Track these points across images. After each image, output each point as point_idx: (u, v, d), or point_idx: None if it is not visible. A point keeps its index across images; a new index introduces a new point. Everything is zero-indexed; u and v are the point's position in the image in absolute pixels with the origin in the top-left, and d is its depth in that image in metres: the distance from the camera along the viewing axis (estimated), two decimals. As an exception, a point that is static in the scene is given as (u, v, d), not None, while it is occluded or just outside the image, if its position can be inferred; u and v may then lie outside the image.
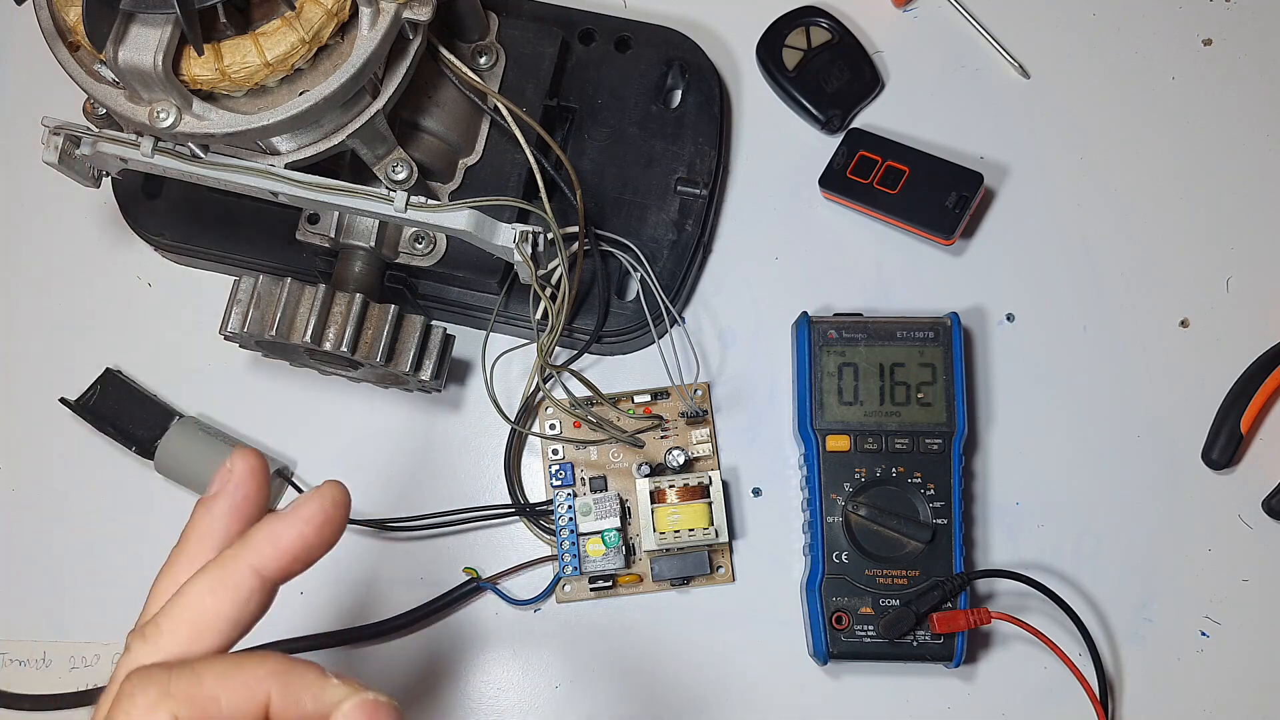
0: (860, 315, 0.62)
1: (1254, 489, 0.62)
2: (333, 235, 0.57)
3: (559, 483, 0.62)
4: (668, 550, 0.60)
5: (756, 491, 0.63)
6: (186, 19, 0.44)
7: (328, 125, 0.52)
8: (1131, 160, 0.67)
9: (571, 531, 0.60)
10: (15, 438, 0.65)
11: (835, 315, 0.62)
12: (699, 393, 0.63)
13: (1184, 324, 0.65)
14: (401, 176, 0.54)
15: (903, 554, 0.58)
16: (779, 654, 0.61)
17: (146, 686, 0.32)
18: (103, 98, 0.49)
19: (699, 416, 0.63)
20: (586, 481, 0.62)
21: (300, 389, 0.64)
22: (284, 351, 0.59)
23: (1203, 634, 0.61)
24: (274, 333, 0.54)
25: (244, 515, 0.38)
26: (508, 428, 0.61)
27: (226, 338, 0.56)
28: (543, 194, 0.56)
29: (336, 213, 0.57)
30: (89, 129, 0.52)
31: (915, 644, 0.57)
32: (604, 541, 0.60)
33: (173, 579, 0.37)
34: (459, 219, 0.52)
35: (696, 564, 0.60)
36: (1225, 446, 0.62)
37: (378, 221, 0.57)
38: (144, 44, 0.46)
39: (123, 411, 0.63)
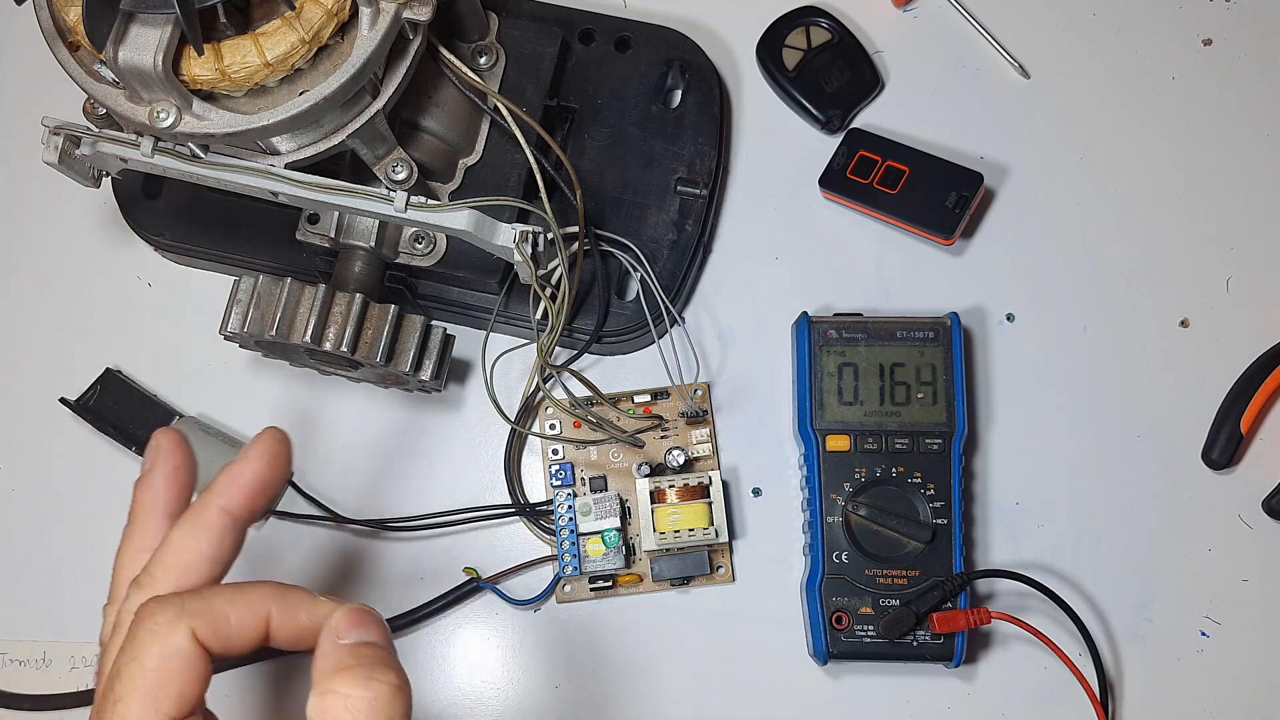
0: (860, 315, 0.62)
1: (1254, 489, 0.63)
2: (333, 235, 0.57)
3: (559, 483, 0.62)
4: (668, 550, 0.60)
5: (756, 491, 0.63)
6: (186, 19, 0.44)
7: (328, 125, 0.52)
8: (1131, 160, 0.67)
9: (571, 531, 0.60)
10: (15, 438, 0.65)
11: (835, 315, 0.62)
12: (699, 393, 0.63)
13: (1184, 324, 0.65)
14: (401, 176, 0.54)
15: (903, 554, 0.58)
16: (779, 654, 0.61)
17: (165, 606, 0.38)
18: (103, 98, 0.49)
19: (699, 416, 0.63)
20: (586, 481, 0.62)
21: (300, 389, 0.64)
22: (284, 351, 0.59)
23: (1203, 634, 0.61)
24: (274, 333, 0.54)
25: (178, 483, 0.43)
26: (508, 428, 0.61)
27: (226, 338, 0.56)
28: (543, 194, 0.56)
29: (336, 213, 0.57)
30: (89, 129, 0.52)
31: (915, 644, 0.57)
32: (604, 541, 0.60)
33: (131, 553, 0.42)
34: (459, 219, 0.52)
35: (696, 564, 0.60)
36: (1225, 446, 0.62)
37: (378, 221, 0.57)
38: (144, 44, 0.46)
39: (123, 411, 0.63)
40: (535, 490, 0.63)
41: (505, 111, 0.56)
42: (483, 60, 0.60)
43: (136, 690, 0.38)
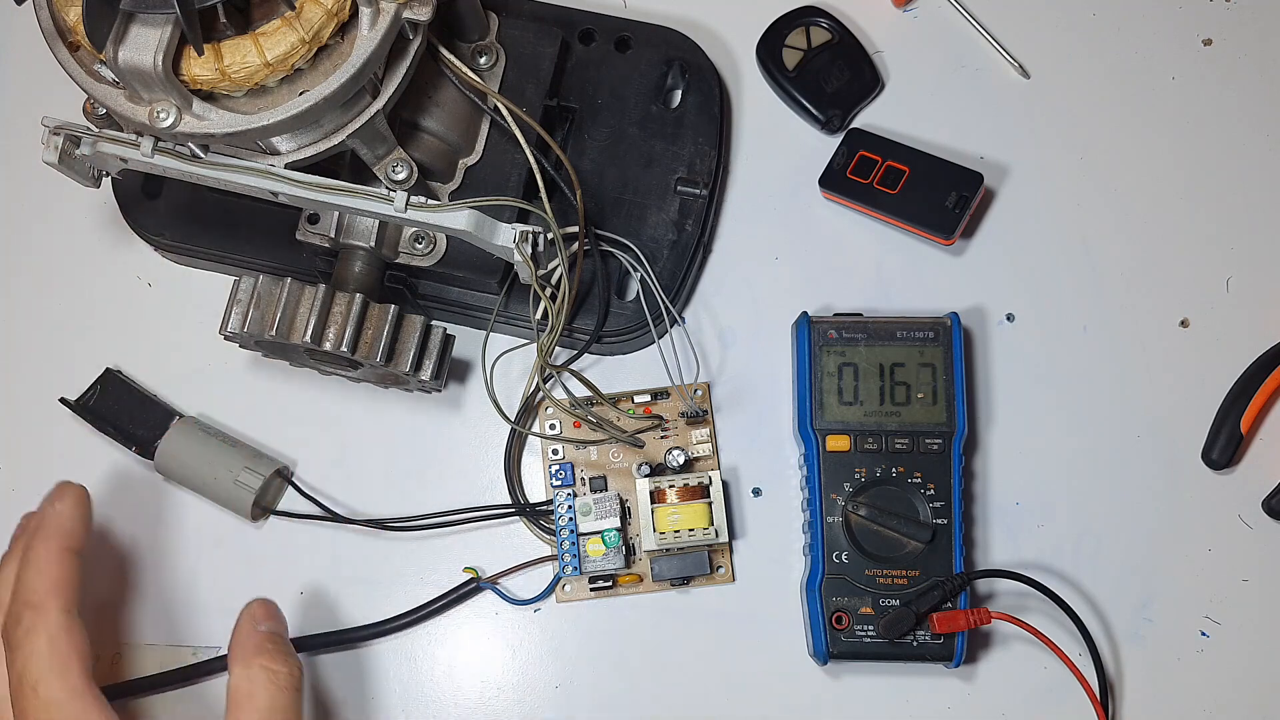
0: (860, 315, 0.62)
1: (1254, 489, 0.62)
2: (333, 235, 0.57)
3: (559, 483, 0.62)
4: (668, 550, 0.60)
5: (756, 491, 0.63)
6: (186, 19, 0.44)
7: (328, 125, 0.52)
8: (1131, 160, 0.67)
9: (571, 531, 0.60)
10: (15, 438, 0.65)
11: (835, 315, 0.62)
12: (699, 393, 0.63)
13: (1184, 324, 0.65)
14: (401, 176, 0.54)
15: (903, 554, 0.58)
16: (779, 654, 0.61)
17: (21, 611, 0.50)
18: (103, 98, 0.49)
19: (699, 416, 0.63)
20: (586, 481, 0.62)
21: (300, 389, 0.64)
22: (284, 351, 0.59)
23: (1203, 634, 0.61)
24: (274, 333, 0.54)
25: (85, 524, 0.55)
26: (508, 428, 0.61)
27: (226, 338, 0.56)
28: (543, 194, 0.56)
29: (336, 213, 0.57)
30: (89, 129, 0.52)
31: (915, 644, 0.57)
32: (604, 541, 0.60)
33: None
34: (459, 219, 0.52)
35: (696, 564, 0.60)
36: (1225, 446, 0.62)
37: (378, 221, 0.57)
38: (144, 44, 0.46)
39: (123, 411, 0.63)
40: (535, 490, 0.63)
41: (505, 111, 0.56)
42: (483, 60, 0.60)
43: (45, 671, 0.48)
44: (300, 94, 0.49)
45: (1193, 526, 0.62)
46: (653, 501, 0.58)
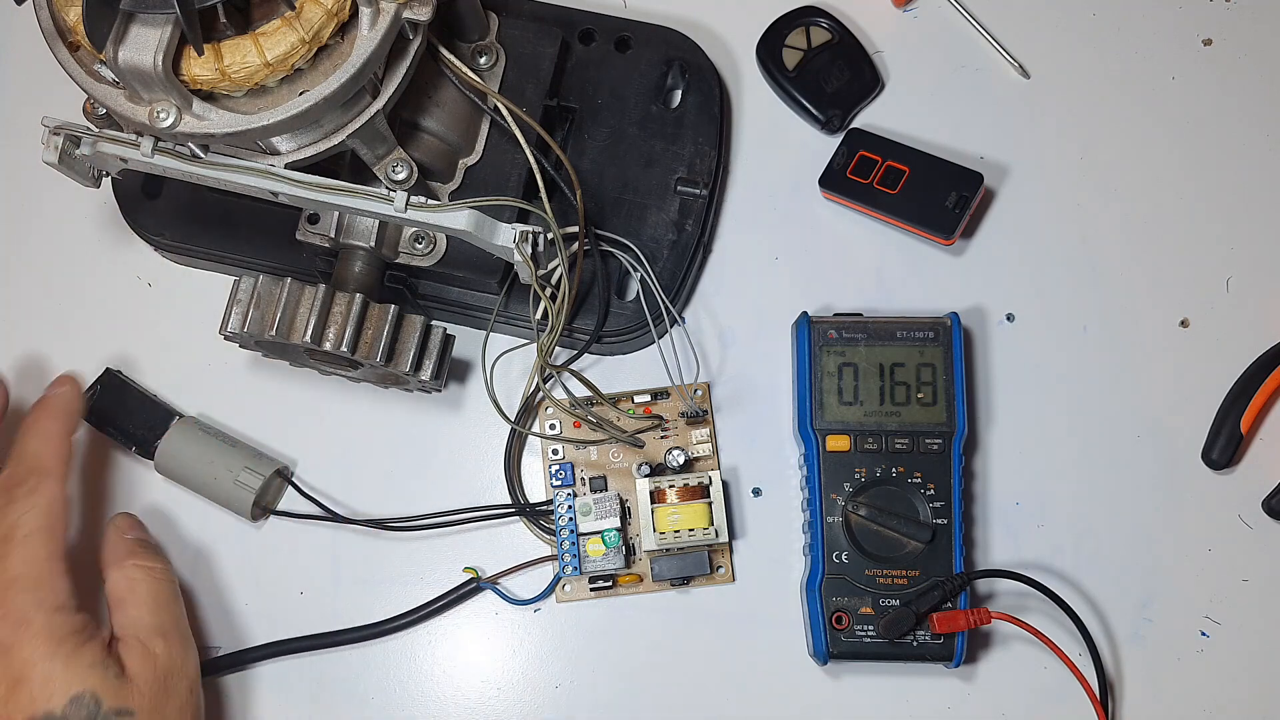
0: (860, 315, 0.62)
1: (1254, 489, 0.62)
2: (333, 235, 0.57)
3: (559, 483, 0.62)
4: (668, 550, 0.60)
5: (756, 491, 0.63)
6: (186, 19, 0.44)
7: (328, 125, 0.52)
8: (1131, 160, 0.67)
9: (571, 531, 0.60)
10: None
11: (835, 315, 0.62)
12: (699, 393, 0.63)
13: (1184, 324, 0.65)
14: (401, 176, 0.54)
15: (903, 554, 0.58)
16: (779, 654, 0.61)
17: (28, 474, 0.54)
18: (103, 98, 0.49)
19: (699, 416, 0.63)
20: (586, 481, 0.62)
21: (300, 389, 0.64)
22: (284, 351, 0.59)
23: (1203, 634, 0.61)
24: (274, 333, 0.54)
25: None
26: (508, 428, 0.61)
27: (226, 338, 0.56)
28: (543, 194, 0.56)
29: (336, 213, 0.57)
30: (89, 129, 0.52)
31: (915, 644, 0.57)
32: (604, 541, 0.60)
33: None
34: (459, 219, 0.52)
35: (696, 564, 0.60)
36: (1225, 446, 0.62)
37: (378, 221, 0.57)
38: (144, 44, 0.46)
39: (123, 411, 0.63)
40: (535, 490, 0.63)
41: (505, 111, 0.56)
42: (483, 60, 0.60)
43: (36, 529, 0.52)
44: (300, 94, 0.49)
45: (1193, 526, 0.62)
46: (653, 501, 0.58)
